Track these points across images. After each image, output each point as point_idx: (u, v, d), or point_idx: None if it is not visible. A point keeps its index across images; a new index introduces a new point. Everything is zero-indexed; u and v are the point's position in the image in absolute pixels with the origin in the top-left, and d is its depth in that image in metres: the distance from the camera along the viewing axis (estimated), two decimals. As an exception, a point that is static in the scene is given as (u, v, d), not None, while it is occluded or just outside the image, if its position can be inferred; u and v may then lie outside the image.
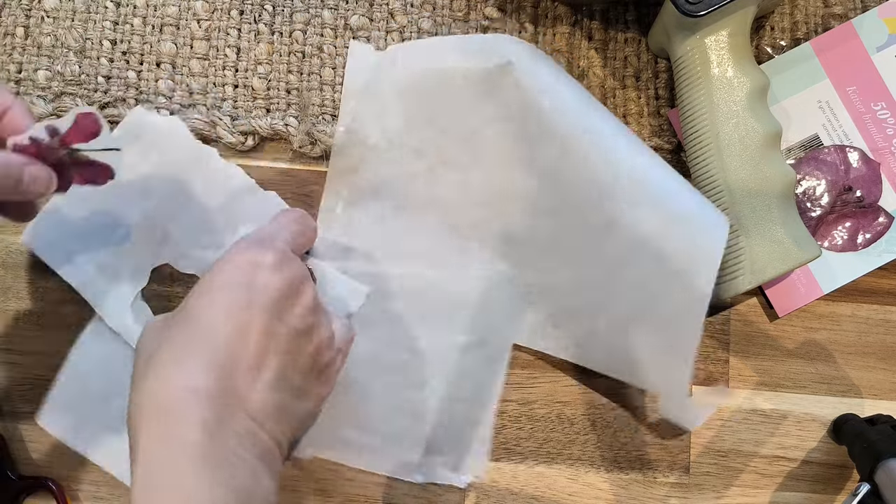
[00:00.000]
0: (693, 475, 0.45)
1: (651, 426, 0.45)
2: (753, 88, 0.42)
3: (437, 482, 0.44)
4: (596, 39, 0.48)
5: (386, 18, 0.48)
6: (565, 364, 0.46)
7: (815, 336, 0.46)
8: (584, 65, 0.48)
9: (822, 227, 0.46)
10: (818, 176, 0.46)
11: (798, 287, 0.46)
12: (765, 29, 0.48)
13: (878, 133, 0.46)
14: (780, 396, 0.46)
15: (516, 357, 0.46)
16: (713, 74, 0.42)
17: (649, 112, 0.47)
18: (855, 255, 0.46)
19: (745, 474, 0.45)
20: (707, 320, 0.46)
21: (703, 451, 0.45)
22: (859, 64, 0.46)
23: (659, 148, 0.47)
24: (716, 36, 0.42)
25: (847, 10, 0.48)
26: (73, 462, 0.43)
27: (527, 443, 0.45)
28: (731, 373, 0.46)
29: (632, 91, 0.48)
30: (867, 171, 0.46)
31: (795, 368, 0.46)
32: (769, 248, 0.42)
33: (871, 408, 0.46)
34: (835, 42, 0.47)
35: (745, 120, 0.42)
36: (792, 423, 0.46)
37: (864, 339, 0.46)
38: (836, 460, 0.45)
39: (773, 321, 0.46)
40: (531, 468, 0.45)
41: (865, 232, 0.46)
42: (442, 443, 0.44)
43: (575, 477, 0.45)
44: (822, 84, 0.47)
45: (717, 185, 0.42)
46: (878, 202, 0.46)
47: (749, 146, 0.42)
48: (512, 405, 0.46)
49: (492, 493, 0.45)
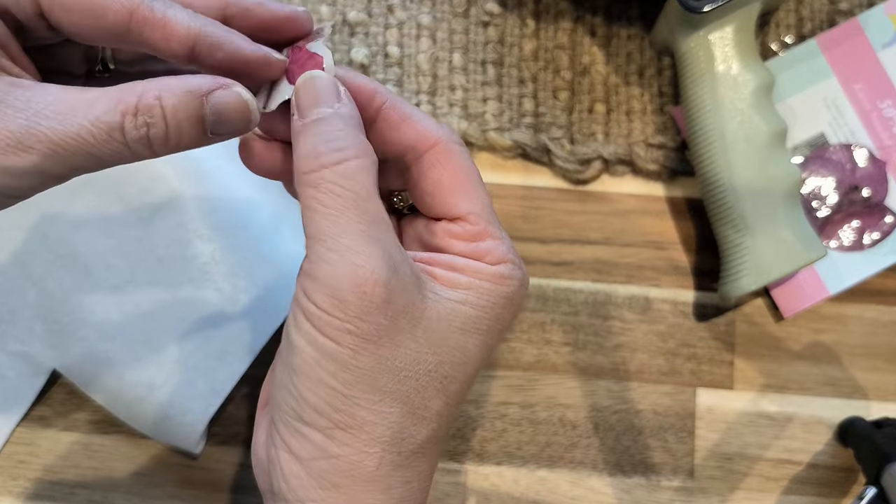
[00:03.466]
0: (697, 479, 0.44)
1: (654, 430, 0.45)
2: (758, 86, 0.42)
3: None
4: (599, 35, 0.47)
5: (385, 14, 0.47)
6: (568, 366, 0.45)
7: (821, 337, 0.46)
8: (587, 61, 0.47)
9: (828, 226, 0.46)
10: (824, 175, 0.46)
11: (804, 288, 0.45)
12: (770, 25, 0.48)
13: (884, 131, 0.46)
14: (786, 399, 0.45)
15: (518, 359, 0.45)
16: (718, 71, 0.42)
17: (653, 110, 0.47)
18: (862, 255, 0.45)
19: (749, 478, 0.45)
20: (711, 322, 0.46)
21: (708, 454, 0.45)
22: (865, 61, 0.46)
23: (663, 146, 0.46)
24: (720, 32, 0.42)
25: (853, 6, 0.47)
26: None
27: (528, 447, 0.45)
28: (735, 375, 0.45)
29: (635, 88, 0.47)
30: (874, 170, 0.46)
31: (801, 370, 0.45)
32: (774, 248, 0.41)
33: (877, 410, 0.45)
34: (841, 39, 0.46)
35: (751, 118, 0.42)
36: (798, 425, 0.45)
37: (871, 340, 0.46)
38: (842, 463, 0.45)
39: (778, 322, 0.46)
40: (533, 472, 0.44)
41: (872, 231, 0.45)
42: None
43: (577, 481, 0.44)
44: (828, 82, 0.46)
45: (722, 183, 0.42)
46: (884, 201, 0.45)
47: (754, 144, 0.42)
48: (513, 408, 0.45)
49: (493, 498, 0.44)
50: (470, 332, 0.27)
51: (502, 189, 0.47)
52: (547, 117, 0.47)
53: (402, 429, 0.26)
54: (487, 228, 0.28)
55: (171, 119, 0.25)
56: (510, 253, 0.28)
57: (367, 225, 0.25)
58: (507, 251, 0.28)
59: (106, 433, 0.45)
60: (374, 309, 0.25)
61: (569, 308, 0.46)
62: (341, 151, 0.26)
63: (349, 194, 0.25)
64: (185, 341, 0.41)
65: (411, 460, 0.27)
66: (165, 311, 0.41)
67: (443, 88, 0.47)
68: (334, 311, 0.25)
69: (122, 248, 0.41)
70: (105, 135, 0.25)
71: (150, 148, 0.26)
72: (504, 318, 0.28)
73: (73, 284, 0.41)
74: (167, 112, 0.25)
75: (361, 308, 0.25)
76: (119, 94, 0.25)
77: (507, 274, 0.28)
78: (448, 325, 0.27)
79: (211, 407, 0.41)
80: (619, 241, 0.47)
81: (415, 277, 0.27)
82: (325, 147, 0.26)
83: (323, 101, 0.27)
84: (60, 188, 0.27)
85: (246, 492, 0.44)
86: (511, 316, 0.28)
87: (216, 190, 0.42)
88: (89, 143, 0.25)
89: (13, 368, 0.43)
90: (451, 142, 0.29)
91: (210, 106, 0.26)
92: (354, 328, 0.25)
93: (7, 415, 0.44)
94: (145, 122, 0.25)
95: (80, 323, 0.41)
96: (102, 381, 0.42)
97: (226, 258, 0.41)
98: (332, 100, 0.27)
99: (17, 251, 0.42)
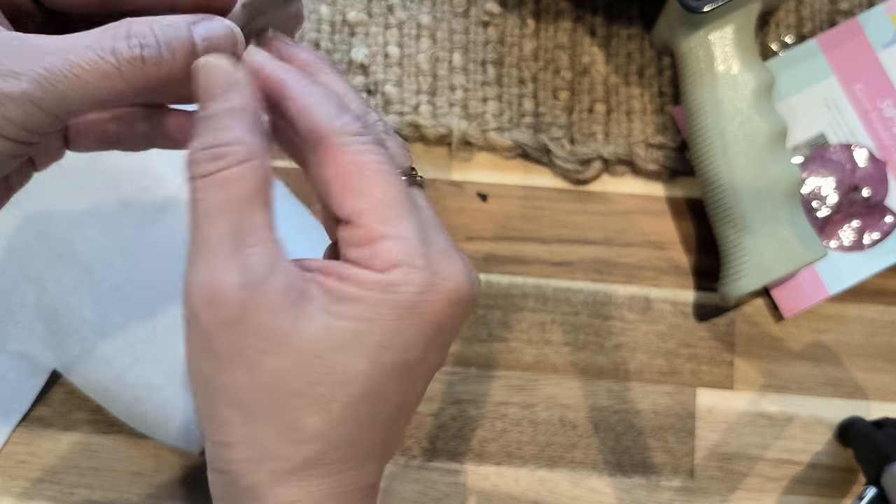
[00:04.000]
0: (697, 479, 0.44)
1: (654, 430, 0.45)
2: (758, 86, 0.42)
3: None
4: (599, 35, 0.47)
5: (385, 14, 0.47)
6: (568, 366, 0.45)
7: (821, 337, 0.46)
8: (587, 61, 0.47)
9: (828, 226, 0.46)
10: (824, 175, 0.46)
11: (804, 288, 0.45)
12: (770, 25, 0.48)
13: (884, 131, 0.45)
14: (786, 399, 0.45)
15: (518, 359, 0.45)
16: (718, 71, 0.42)
17: (653, 109, 0.47)
18: (862, 255, 0.45)
19: (750, 478, 0.45)
20: (711, 322, 0.46)
21: (708, 454, 0.45)
22: (865, 61, 0.46)
23: (663, 146, 0.46)
24: (720, 32, 0.42)
25: (853, 6, 0.47)
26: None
27: (528, 447, 0.45)
28: (735, 375, 0.45)
29: (635, 88, 0.47)
30: (874, 170, 0.45)
31: (801, 370, 0.45)
32: (775, 249, 0.41)
33: (877, 410, 0.45)
34: (841, 39, 0.46)
35: (751, 118, 0.42)
36: (798, 425, 0.45)
37: (871, 340, 0.46)
38: (842, 463, 0.45)
39: (778, 322, 0.46)
40: (532, 472, 0.44)
41: (872, 231, 0.45)
42: None
43: (577, 482, 0.44)
44: (828, 81, 0.46)
45: (722, 183, 0.42)
46: (884, 201, 0.45)
47: (754, 144, 0.42)
48: (513, 408, 0.45)
49: (493, 498, 0.44)
50: (349, 349, 0.24)
51: (502, 189, 0.47)
52: (547, 117, 0.47)
53: (268, 447, 0.25)
54: (377, 228, 0.25)
55: (163, 40, 0.25)
56: (408, 254, 0.25)
57: (234, 237, 0.24)
58: (404, 252, 0.25)
59: (106, 433, 0.45)
60: (221, 327, 0.24)
61: (569, 308, 0.46)
62: (217, 161, 0.24)
63: (219, 204, 0.24)
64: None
65: (293, 479, 0.25)
66: (165, 310, 0.41)
67: (443, 88, 0.47)
68: (192, 324, 0.24)
69: (122, 247, 0.41)
70: (96, 57, 0.24)
71: (143, 70, 0.25)
72: (403, 330, 0.25)
73: (72, 284, 0.41)
74: (159, 37, 0.25)
75: (209, 325, 0.24)
76: (107, 27, 0.25)
77: (398, 280, 0.24)
78: (323, 345, 0.24)
79: None
80: (619, 241, 0.47)
81: (289, 294, 0.24)
82: (203, 155, 0.24)
83: (211, 95, 0.25)
84: (60, 187, 0.26)
85: (246, 492, 0.44)
86: (416, 326, 0.25)
87: None
88: (78, 66, 0.24)
89: (13, 369, 0.43)
90: (344, 134, 0.25)
91: (199, 34, 0.25)
92: (206, 345, 0.24)
93: (7, 415, 0.44)
94: (138, 43, 0.24)
95: (80, 323, 0.41)
96: (102, 381, 0.42)
97: None
98: (220, 92, 0.25)
99: (17, 251, 0.42)
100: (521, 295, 0.46)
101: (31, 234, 0.41)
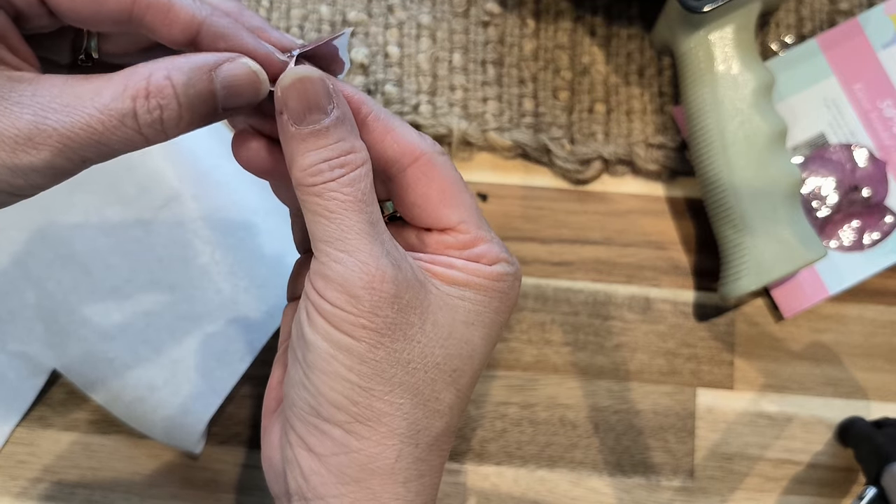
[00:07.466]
0: (697, 479, 0.44)
1: (655, 430, 0.45)
2: (758, 86, 0.42)
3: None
4: (599, 35, 0.47)
5: (385, 14, 0.47)
6: (568, 366, 0.45)
7: (821, 337, 0.46)
8: (587, 61, 0.47)
9: (828, 226, 0.46)
10: (824, 175, 0.46)
11: (804, 288, 0.45)
12: (770, 25, 0.48)
13: (884, 131, 0.45)
14: (786, 399, 0.45)
15: (518, 359, 0.45)
16: (718, 71, 0.42)
17: (653, 109, 0.47)
18: (862, 255, 0.45)
19: (750, 478, 0.44)
20: (711, 322, 0.46)
21: (708, 454, 0.45)
22: (865, 61, 0.46)
23: (663, 146, 0.46)
24: (720, 32, 0.42)
25: (853, 6, 0.47)
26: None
27: (528, 447, 0.45)
28: (735, 375, 0.45)
29: (635, 88, 0.47)
30: (874, 170, 0.45)
31: (801, 370, 0.45)
32: (775, 249, 0.41)
33: (877, 410, 0.45)
34: (841, 39, 0.46)
35: (751, 118, 0.42)
36: (798, 425, 0.45)
37: (871, 340, 0.46)
38: (842, 464, 0.45)
39: (778, 322, 0.46)
40: (532, 472, 0.44)
41: (872, 231, 0.45)
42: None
43: (577, 482, 0.44)
44: (828, 81, 0.46)
45: (722, 183, 0.42)
46: (884, 201, 0.45)
47: (754, 144, 0.42)
48: (513, 408, 0.45)
49: (493, 498, 0.44)
50: (474, 324, 0.28)
51: (502, 189, 0.47)
52: (547, 117, 0.47)
53: (416, 421, 0.27)
54: (479, 234, 0.29)
55: (182, 98, 0.25)
56: (503, 252, 0.29)
57: (370, 226, 0.26)
58: (501, 251, 0.29)
59: (106, 433, 0.45)
60: (385, 304, 0.26)
61: (569, 308, 0.46)
62: (344, 167, 0.26)
63: (352, 200, 0.26)
64: (185, 341, 0.41)
65: (427, 454, 0.28)
66: (165, 311, 0.41)
67: (443, 88, 0.47)
68: (348, 307, 0.26)
69: (122, 247, 0.41)
70: (116, 122, 0.24)
71: (163, 131, 0.25)
72: (502, 311, 0.29)
73: (72, 284, 0.41)
74: (178, 91, 0.25)
75: (373, 303, 0.26)
76: (125, 79, 0.25)
77: (504, 271, 0.29)
78: (453, 319, 0.28)
79: (211, 407, 0.41)
80: (619, 241, 0.46)
81: (418, 275, 0.27)
82: (327, 166, 0.26)
83: (316, 107, 0.26)
84: (60, 187, 0.26)
85: (246, 492, 0.44)
86: (508, 310, 0.29)
87: (216, 190, 0.42)
88: (100, 132, 0.24)
89: (13, 368, 0.43)
90: (435, 153, 0.29)
91: (220, 80, 0.25)
92: (368, 322, 0.26)
93: (7, 415, 0.44)
94: (158, 105, 0.25)
95: (80, 323, 0.41)
96: (102, 381, 0.42)
97: (226, 258, 0.41)
98: (325, 104, 0.26)
99: (17, 251, 0.42)
100: (522, 295, 0.46)
101: (32, 235, 0.41)
